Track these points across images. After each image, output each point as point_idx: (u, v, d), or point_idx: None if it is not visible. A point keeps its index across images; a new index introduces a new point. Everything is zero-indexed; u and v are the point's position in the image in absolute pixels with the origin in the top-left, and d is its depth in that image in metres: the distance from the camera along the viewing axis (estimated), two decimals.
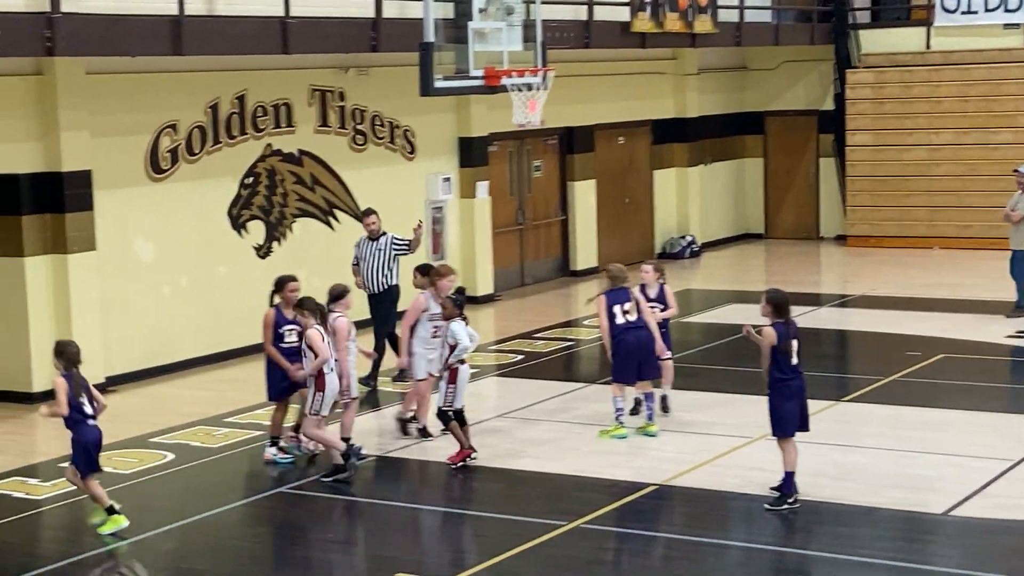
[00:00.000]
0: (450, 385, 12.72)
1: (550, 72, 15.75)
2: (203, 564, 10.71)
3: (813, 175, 28.63)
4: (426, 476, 12.80)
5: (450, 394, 12.71)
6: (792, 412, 11.34)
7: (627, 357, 13.41)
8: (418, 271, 14.20)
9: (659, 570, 10.26)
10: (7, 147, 15.55)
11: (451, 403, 12.72)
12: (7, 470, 13.13)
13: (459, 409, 12.81)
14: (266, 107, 18.57)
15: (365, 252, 16.45)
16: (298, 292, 13.05)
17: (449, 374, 12.75)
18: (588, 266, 24.70)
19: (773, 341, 11.22)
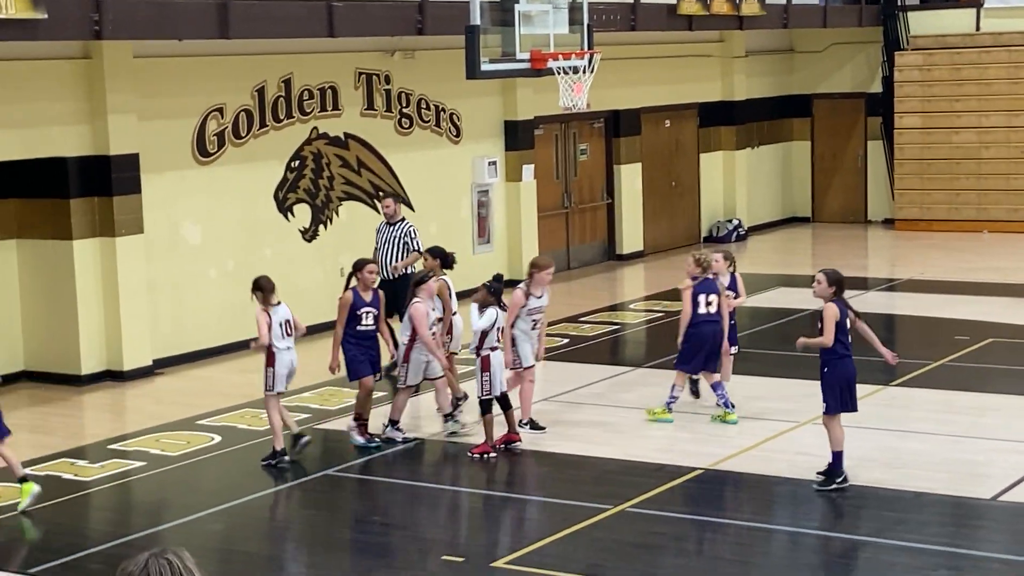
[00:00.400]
0: (484, 373, 12.64)
1: (596, 55, 15.68)
2: (250, 546, 10.76)
3: (861, 158, 28.44)
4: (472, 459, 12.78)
5: (485, 382, 12.64)
6: (845, 391, 11.32)
7: (698, 347, 13.44)
8: (429, 253, 14.17)
9: (706, 554, 10.23)
10: (56, 130, 15.65)
11: (488, 391, 12.65)
12: (56, 452, 13.23)
13: (501, 395, 12.75)
14: (312, 90, 18.60)
15: (381, 237, 16.16)
16: (375, 275, 13.09)
17: (482, 362, 12.67)
18: (634, 250, 24.64)
19: (837, 316, 11.23)
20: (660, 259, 24.66)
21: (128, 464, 12.75)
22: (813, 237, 27.43)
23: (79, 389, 15.82)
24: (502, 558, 10.08)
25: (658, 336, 18.22)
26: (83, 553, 10.43)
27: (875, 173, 28.22)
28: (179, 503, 12.06)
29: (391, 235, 16.03)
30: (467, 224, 21.18)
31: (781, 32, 27.50)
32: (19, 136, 15.32)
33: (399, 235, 15.97)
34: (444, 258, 13.99)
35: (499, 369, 12.69)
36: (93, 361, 16.14)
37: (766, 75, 27.96)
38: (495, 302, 12.78)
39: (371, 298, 12.98)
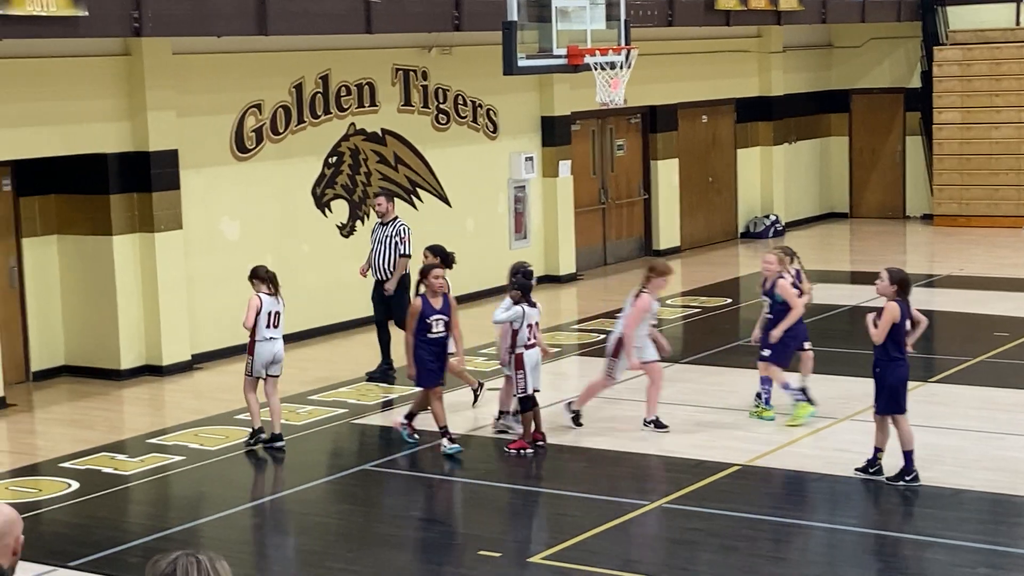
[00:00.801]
0: (518, 372, 12.61)
1: (633, 50, 15.67)
2: (288, 540, 10.81)
3: (899, 153, 28.31)
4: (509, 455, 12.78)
5: (520, 380, 12.61)
6: (898, 393, 11.27)
7: (791, 344, 13.35)
8: (429, 251, 14.06)
9: (743, 550, 10.21)
10: (96, 127, 15.75)
11: (523, 389, 12.62)
12: (96, 446, 13.32)
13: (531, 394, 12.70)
14: (349, 86, 18.65)
15: (375, 237, 15.81)
16: (442, 279, 12.77)
17: (515, 361, 12.65)
18: (671, 246, 24.60)
19: (896, 317, 11.16)
20: (697, 255, 24.62)
21: (167, 458, 12.82)
22: (851, 233, 27.32)
23: (118, 384, 15.92)
24: (538, 553, 10.09)
25: (694, 332, 18.19)
26: (122, 547, 10.50)
27: (914, 168, 28.08)
28: (217, 497, 12.12)
29: (384, 235, 15.67)
30: (504, 220, 21.19)
31: (819, 27, 27.40)
32: (60, 132, 15.42)
33: (391, 234, 15.61)
34: (444, 256, 13.91)
35: (532, 367, 12.62)
36: (132, 356, 16.25)
37: (804, 70, 27.85)
38: (521, 298, 12.67)
39: (441, 305, 12.66)
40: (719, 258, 24.23)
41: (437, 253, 13.96)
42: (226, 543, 10.71)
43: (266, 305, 12.93)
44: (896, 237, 26.48)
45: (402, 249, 15.49)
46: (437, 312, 12.66)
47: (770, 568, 9.77)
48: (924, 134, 27.55)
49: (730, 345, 16.94)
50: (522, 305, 12.58)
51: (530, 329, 12.61)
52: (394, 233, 15.58)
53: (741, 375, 15.22)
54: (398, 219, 15.79)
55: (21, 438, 14.10)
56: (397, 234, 15.56)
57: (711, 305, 19.68)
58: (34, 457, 13.19)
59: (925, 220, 27.67)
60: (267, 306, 12.92)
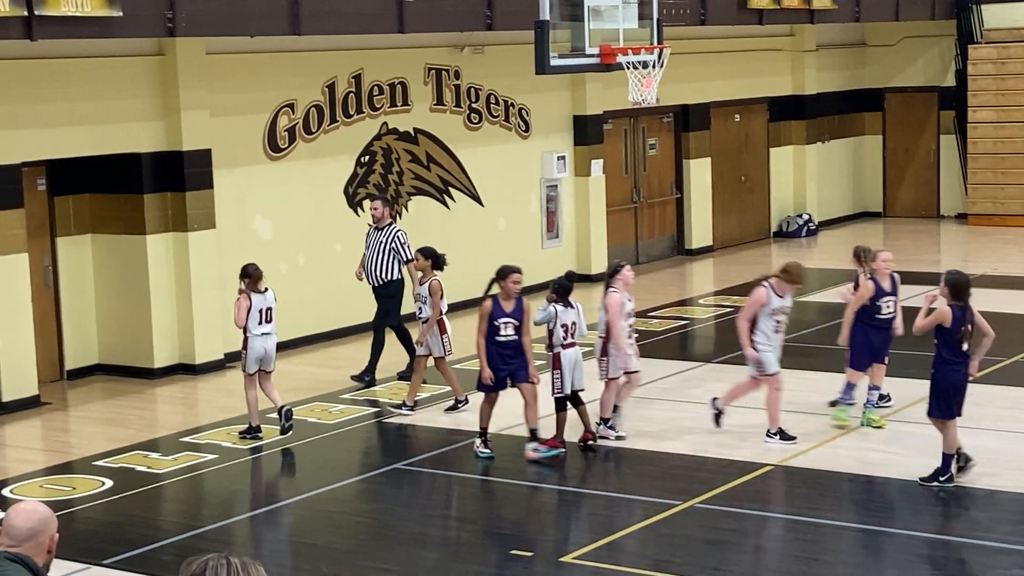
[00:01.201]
0: (555, 371, 12.60)
1: (666, 50, 15.64)
2: (320, 539, 10.83)
3: (933, 152, 28.16)
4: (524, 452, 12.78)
5: (557, 380, 12.60)
6: (951, 396, 11.19)
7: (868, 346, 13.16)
8: (420, 253, 14.13)
9: (775, 550, 10.18)
10: (130, 127, 15.82)
11: (560, 389, 12.61)
12: (129, 444, 13.38)
13: (575, 392, 12.69)
14: (382, 86, 18.68)
15: (369, 242, 15.56)
16: (520, 283, 12.60)
17: (552, 359, 12.65)
18: (703, 245, 24.55)
19: (943, 320, 11.09)
20: (729, 254, 24.55)
21: (200, 457, 12.87)
22: (885, 232, 27.19)
23: (152, 382, 15.99)
24: (571, 553, 10.09)
25: (727, 332, 18.13)
26: (155, 545, 10.55)
27: (948, 167, 27.94)
28: (250, 496, 12.17)
29: (378, 240, 15.41)
30: (536, 219, 21.19)
31: (853, 25, 27.28)
32: (94, 132, 15.50)
33: (387, 240, 15.33)
34: (435, 259, 13.99)
35: (570, 366, 12.60)
36: (166, 354, 16.32)
37: (837, 69, 27.74)
38: (557, 299, 12.66)
39: (512, 308, 12.48)
40: (752, 257, 24.16)
41: (428, 255, 14.00)
42: (258, 541, 10.74)
43: (256, 303, 13.24)
44: (930, 236, 26.35)
45: (406, 255, 15.27)
46: (507, 315, 12.43)
47: (803, 568, 9.74)
48: (958, 133, 27.41)
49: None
50: (555, 306, 12.59)
51: (565, 329, 12.60)
52: (389, 239, 15.31)
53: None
54: (393, 224, 15.58)
55: (55, 436, 14.19)
56: (393, 240, 15.30)
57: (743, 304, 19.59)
58: (68, 455, 13.26)
59: (959, 219, 27.52)
60: (257, 303, 13.25)
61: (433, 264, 14.02)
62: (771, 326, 12.72)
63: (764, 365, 12.65)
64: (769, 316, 12.70)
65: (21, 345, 14.89)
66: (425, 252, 14.14)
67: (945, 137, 27.89)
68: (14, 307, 14.83)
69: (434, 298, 13.96)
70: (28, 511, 5.09)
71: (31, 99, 14.90)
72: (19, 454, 13.54)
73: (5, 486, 12.15)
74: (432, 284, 14.01)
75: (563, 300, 12.67)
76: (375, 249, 15.44)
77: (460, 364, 15.59)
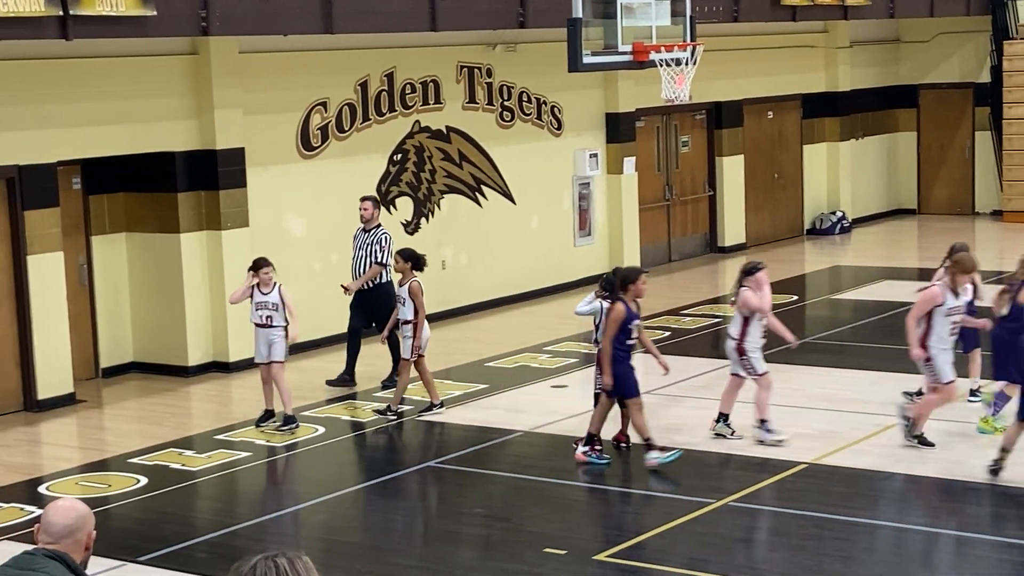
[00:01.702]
0: (596, 368, 12.59)
1: (699, 47, 15.60)
2: (354, 537, 10.86)
3: (968, 149, 28.00)
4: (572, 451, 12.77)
5: (597, 377, 12.58)
6: None
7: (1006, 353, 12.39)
8: (400, 255, 14.03)
9: (809, 549, 10.15)
10: (164, 126, 15.89)
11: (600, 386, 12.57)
12: (164, 442, 13.44)
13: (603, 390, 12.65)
14: (414, 84, 18.70)
15: (356, 244, 15.38)
16: (646, 285, 12.27)
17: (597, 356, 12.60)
18: (736, 242, 24.49)
19: None
20: (762, 252, 24.47)
21: (234, 454, 12.92)
22: (919, 229, 27.07)
23: (186, 380, 16.06)
24: (604, 551, 10.08)
25: None
26: (190, 542, 10.60)
27: (983, 164, 27.78)
28: (283, 493, 12.22)
29: (365, 241, 15.26)
30: (568, 217, 21.18)
31: (887, 22, 27.15)
32: (128, 131, 15.57)
33: (372, 241, 15.18)
34: (415, 260, 13.88)
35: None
36: (199, 352, 16.38)
37: (871, 65, 27.63)
38: (605, 296, 12.66)
39: (636, 310, 12.21)
40: (785, 255, 24.08)
41: (408, 257, 13.91)
42: (292, 539, 10.78)
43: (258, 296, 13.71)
44: (965, 234, 26.14)
45: (380, 257, 15.08)
46: (637, 318, 12.16)
47: (837, 567, 9.70)
48: (993, 129, 27.25)
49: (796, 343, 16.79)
50: (601, 300, 12.62)
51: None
52: (375, 241, 15.16)
53: (807, 373, 15.13)
54: (380, 227, 15.36)
55: (91, 434, 14.27)
56: (378, 242, 15.13)
57: (777, 303, 19.51)
58: (103, 453, 13.33)
59: (994, 216, 27.37)
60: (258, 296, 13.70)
61: (413, 266, 13.88)
62: (947, 328, 11.87)
63: (939, 373, 11.91)
64: (945, 317, 11.85)
65: (57, 343, 14.97)
66: (405, 254, 14.00)
67: (980, 133, 27.73)
68: (50, 306, 14.92)
69: (416, 300, 13.74)
70: (67, 508, 5.12)
71: (66, 99, 14.99)
72: (55, 452, 13.63)
73: (41, 483, 12.23)
74: (412, 286, 13.80)
75: (611, 296, 12.64)
76: (363, 251, 15.27)
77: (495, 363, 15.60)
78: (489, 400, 14.62)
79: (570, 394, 14.58)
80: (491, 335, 18.02)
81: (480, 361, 16.41)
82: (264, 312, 13.76)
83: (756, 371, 12.55)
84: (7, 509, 11.49)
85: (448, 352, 17.06)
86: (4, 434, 14.00)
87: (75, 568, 5.03)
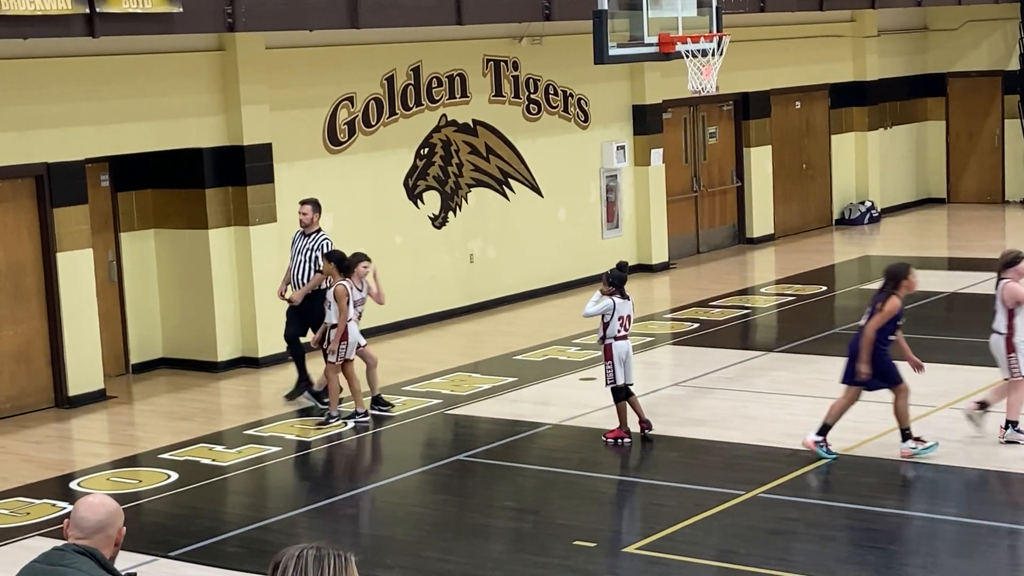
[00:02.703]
0: (607, 362, 12.56)
1: (725, 37, 15.55)
2: (384, 530, 10.87)
3: (998, 137, 27.85)
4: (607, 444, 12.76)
5: (609, 371, 12.56)
6: None
7: None
8: (327, 257, 13.85)
9: (840, 540, 10.11)
10: (191, 122, 15.93)
11: (612, 379, 12.57)
12: (194, 437, 13.49)
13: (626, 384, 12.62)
14: (441, 78, 18.70)
15: (295, 249, 14.63)
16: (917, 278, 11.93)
17: (605, 351, 12.62)
18: (764, 233, 24.41)
19: None
20: (791, 242, 24.41)
21: (264, 449, 12.95)
22: (948, 218, 26.94)
23: (215, 376, 16.10)
24: (633, 543, 10.07)
25: (789, 320, 18.04)
26: (221, 537, 10.63)
27: (1012, 152, 27.62)
28: (313, 488, 12.24)
29: (305, 246, 14.53)
30: (596, 209, 21.15)
31: (915, 10, 27.02)
32: (156, 128, 15.62)
33: (313, 247, 14.46)
34: (340, 263, 13.59)
35: (621, 358, 12.51)
36: (229, 348, 16.43)
37: (899, 54, 27.49)
38: (613, 292, 12.59)
39: None
40: (813, 245, 24.01)
41: (333, 259, 13.70)
42: (322, 533, 10.79)
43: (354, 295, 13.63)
44: (995, 222, 26.06)
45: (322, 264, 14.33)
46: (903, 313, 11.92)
47: (868, 558, 9.66)
48: (1023, 117, 27.08)
49: (825, 333, 16.78)
50: (613, 298, 12.54)
51: (621, 321, 12.55)
52: (316, 247, 14.44)
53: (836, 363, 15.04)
54: (321, 231, 14.66)
55: (121, 430, 14.33)
56: (319, 248, 14.41)
57: (806, 293, 19.51)
58: (134, 448, 13.39)
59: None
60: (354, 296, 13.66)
61: (338, 267, 13.59)
62: None
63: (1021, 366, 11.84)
64: None
65: (87, 340, 15.04)
66: (331, 256, 13.78)
67: (1009, 122, 27.57)
68: (80, 302, 14.98)
69: (340, 303, 13.48)
70: (96, 504, 5.13)
71: (93, 96, 15.04)
72: (86, 447, 13.70)
73: (73, 479, 12.29)
74: (337, 289, 13.53)
75: (620, 292, 12.59)
76: (302, 255, 14.51)
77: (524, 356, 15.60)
78: (518, 393, 14.63)
79: (598, 387, 14.54)
80: (519, 328, 18.01)
81: (509, 354, 16.41)
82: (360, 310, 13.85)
83: (1021, 371, 11.92)
84: (39, 505, 11.55)
85: (476, 346, 17.08)
86: (35, 431, 14.07)
87: (105, 564, 5.04)
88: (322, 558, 3.95)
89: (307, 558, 3.95)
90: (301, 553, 3.96)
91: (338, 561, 3.97)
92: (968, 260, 21.51)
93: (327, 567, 3.95)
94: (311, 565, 3.94)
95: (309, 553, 3.95)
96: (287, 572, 3.93)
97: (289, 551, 3.96)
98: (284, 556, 3.96)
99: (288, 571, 3.93)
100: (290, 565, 3.94)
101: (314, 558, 3.95)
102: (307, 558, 3.95)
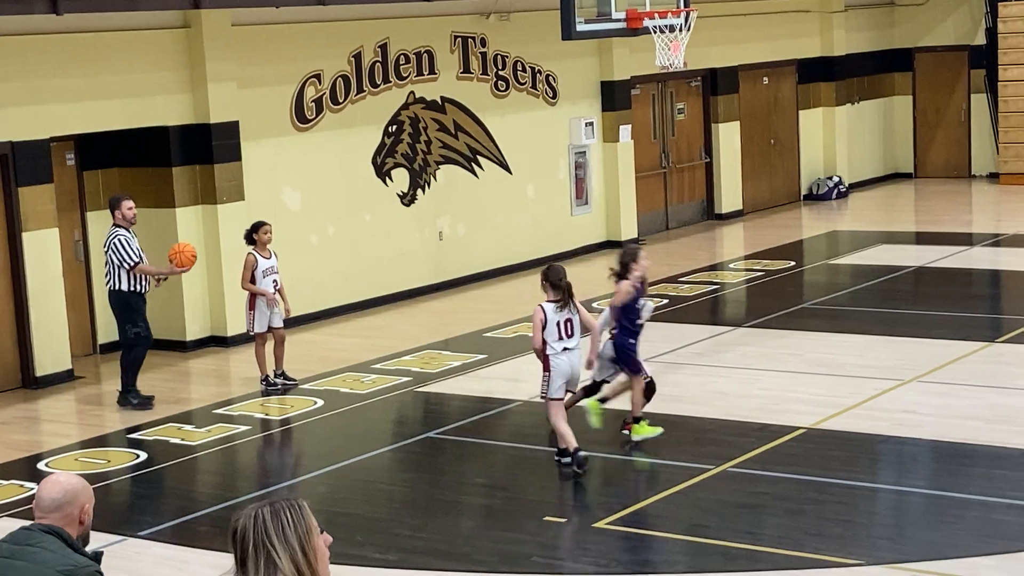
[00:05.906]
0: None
1: (693, 13, 15.56)
2: (354, 508, 10.87)
3: (964, 112, 27.95)
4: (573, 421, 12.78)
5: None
6: None
7: None
8: None
9: (809, 513, 10.15)
10: (157, 100, 15.84)
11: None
12: (163, 416, 13.44)
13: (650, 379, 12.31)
14: (408, 55, 18.64)
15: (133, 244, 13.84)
16: None
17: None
18: (733, 209, 24.46)
19: None
20: (759, 218, 24.47)
21: (233, 428, 12.93)
22: (916, 193, 27.05)
23: (184, 355, 16.06)
24: (604, 519, 10.09)
25: (757, 295, 18.09)
26: (191, 516, 10.61)
27: (979, 127, 27.73)
28: (283, 466, 12.22)
29: None
30: (565, 186, 21.14)
31: None
32: (122, 106, 15.52)
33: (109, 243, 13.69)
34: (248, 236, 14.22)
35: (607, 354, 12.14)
36: (197, 327, 16.37)
37: (866, 29, 27.54)
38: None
39: None
40: (782, 221, 24.07)
41: None
42: None
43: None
44: (962, 197, 26.18)
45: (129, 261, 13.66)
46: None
47: (837, 531, 9.71)
48: (989, 92, 27.20)
49: (793, 308, 16.83)
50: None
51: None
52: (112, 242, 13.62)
53: (805, 338, 15.14)
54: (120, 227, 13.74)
55: (89, 410, 14.27)
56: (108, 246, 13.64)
57: (774, 268, 19.56)
58: (102, 429, 13.34)
59: (991, 179, 27.33)
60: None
61: (246, 239, 14.31)
62: None
63: None
64: None
65: (53, 320, 14.96)
66: None
67: (976, 96, 27.68)
68: (46, 282, 14.90)
69: (244, 272, 14.24)
70: (55, 483, 5.13)
71: (58, 74, 14.93)
72: (54, 428, 13.64)
73: (41, 460, 12.24)
74: (247, 258, 14.25)
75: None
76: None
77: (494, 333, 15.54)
78: (488, 370, 14.63)
79: None
80: (489, 305, 18.01)
81: (478, 332, 16.41)
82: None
83: None
84: (6, 486, 11.50)
85: (446, 323, 17.07)
86: (2, 412, 14.00)
87: (72, 543, 5.02)
88: (278, 511, 3.94)
89: (264, 515, 3.93)
90: (256, 513, 3.94)
91: (293, 510, 3.97)
92: (935, 234, 21.60)
93: (285, 520, 3.94)
94: (270, 521, 3.92)
95: (264, 511, 3.93)
96: (247, 535, 3.91)
97: (243, 513, 3.94)
98: (240, 520, 3.94)
99: (248, 533, 3.91)
100: (249, 526, 3.91)
101: (271, 513, 3.93)
102: (264, 515, 3.93)
